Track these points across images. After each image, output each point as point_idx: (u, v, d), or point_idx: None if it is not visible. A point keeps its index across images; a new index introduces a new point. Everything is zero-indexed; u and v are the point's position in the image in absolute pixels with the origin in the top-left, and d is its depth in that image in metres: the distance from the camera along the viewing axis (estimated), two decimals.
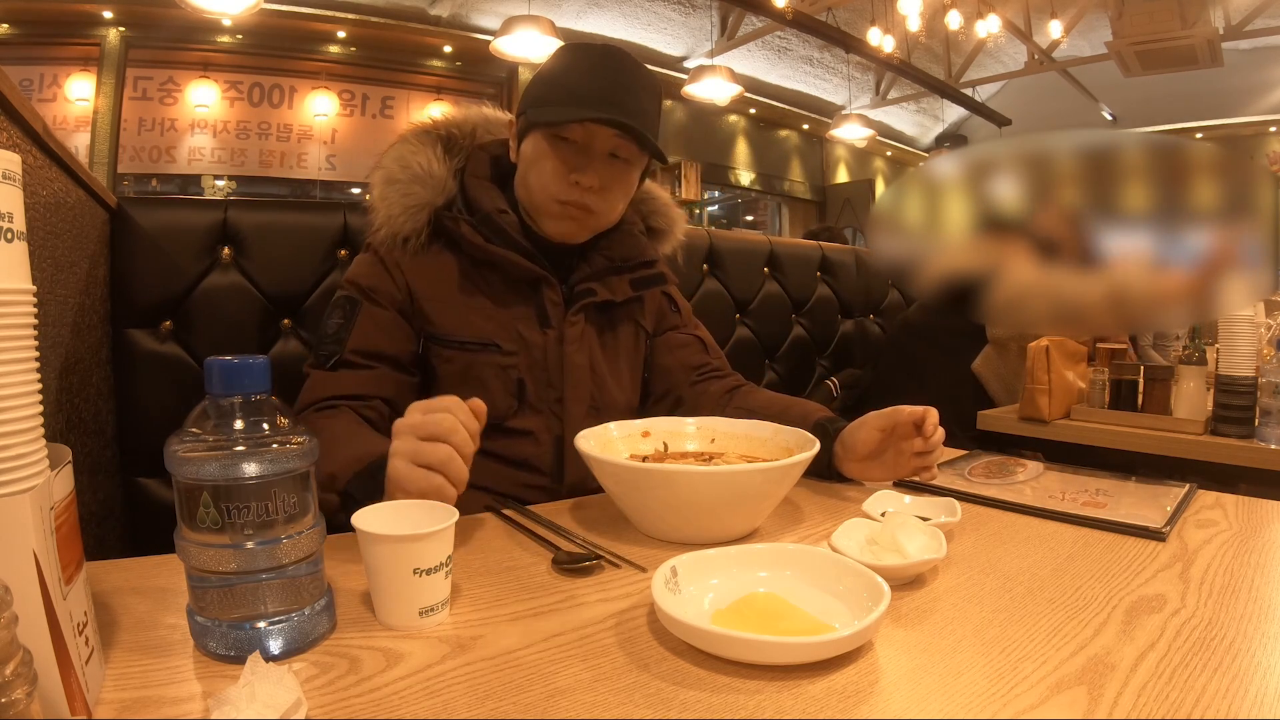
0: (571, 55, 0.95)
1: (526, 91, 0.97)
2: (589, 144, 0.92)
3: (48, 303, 0.78)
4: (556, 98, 0.91)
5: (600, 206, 0.95)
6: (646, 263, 1.05)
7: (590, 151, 0.92)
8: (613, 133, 0.91)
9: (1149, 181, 0.36)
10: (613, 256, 1.02)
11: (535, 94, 0.94)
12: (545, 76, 0.95)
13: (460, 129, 1.03)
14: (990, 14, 5.93)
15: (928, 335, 1.85)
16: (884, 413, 0.84)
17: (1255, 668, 0.48)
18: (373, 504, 0.61)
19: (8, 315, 0.36)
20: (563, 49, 0.97)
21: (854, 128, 6.78)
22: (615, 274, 1.01)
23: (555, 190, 0.92)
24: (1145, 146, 0.37)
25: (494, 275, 0.96)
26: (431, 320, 0.94)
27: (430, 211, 0.95)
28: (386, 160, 0.97)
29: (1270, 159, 7.62)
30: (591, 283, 0.99)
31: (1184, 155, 0.36)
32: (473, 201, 0.96)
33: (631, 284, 1.03)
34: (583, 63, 0.92)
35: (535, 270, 0.95)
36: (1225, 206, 0.36)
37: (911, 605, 0.58)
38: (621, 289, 1.02)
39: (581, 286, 0.98)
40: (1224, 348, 1.38)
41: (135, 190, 5.28)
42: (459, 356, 0.94)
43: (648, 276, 1.05)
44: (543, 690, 0.45)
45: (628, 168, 0.96)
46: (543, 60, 0.97)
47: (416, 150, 0.97)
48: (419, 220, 0.94)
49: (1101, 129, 7.08)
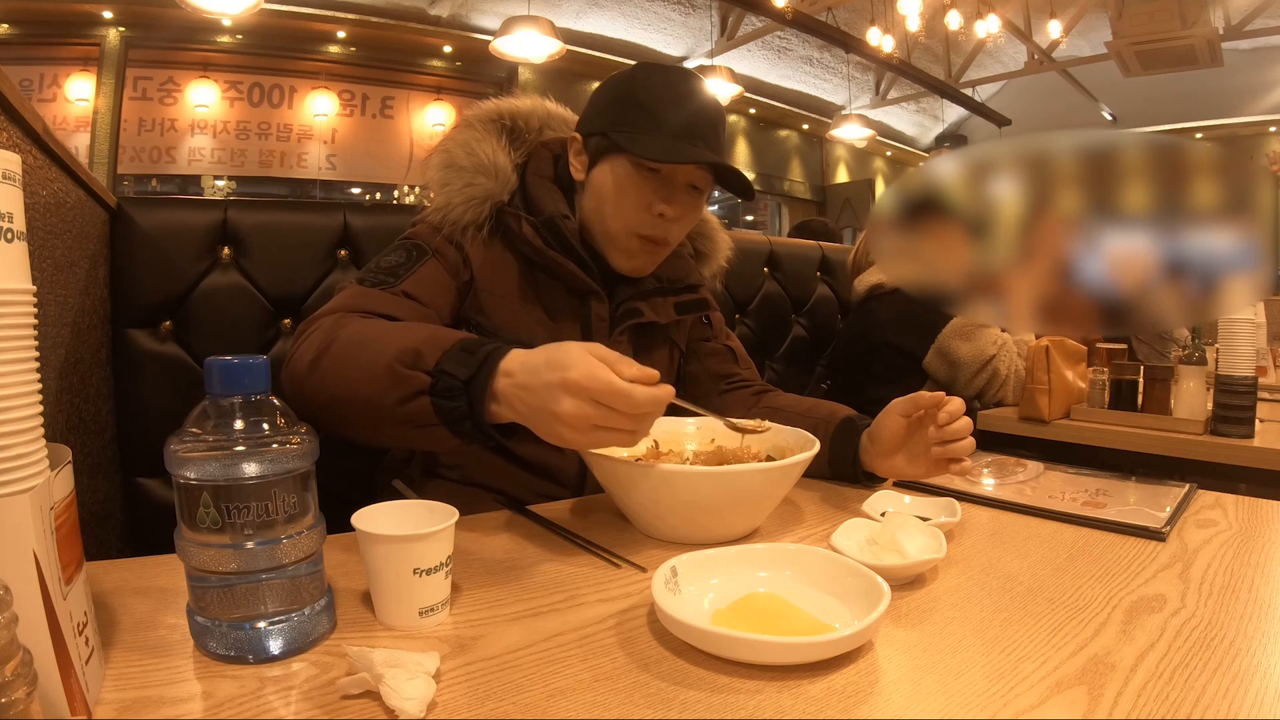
0: (649, 78, 0.92)
1: (597, 110, 0.94)
2: (673, 175, 0.90)
3: (48, 303, 0.78)
4: (640, 124, 0.88)
5: (676, 237, 0.94)
6: (691, 286, 1.04)
7: (674, 183, 0.91)
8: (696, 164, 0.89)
9: (1149, 181, 0.36)
10: (661, 277, 1.00)
11: (612, 116, 0.91)
12: (621, 97, 0.91)
13: (526, 123, 1.00)
14: (990, 14, 5.93)
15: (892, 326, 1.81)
16: (907, 398, 0.82)
17: (1255, 668, 0.48)
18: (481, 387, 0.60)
19: (8, 315, 0.36)
20: (638, 70, 0.94)
21: (854, 128, 6.78)
22: (661, 295, 0.99)
23: (636, 223, 0.90)
24: (1145, 146, 0.36)
25: (549, 281, 0.93)
26: (485, 311, 0.91)
27: (493, 205, 0.92)
28: (450, 144, 0.94)
29: (1270, 159, 7.62)
30: (638, 302, 0.96)
31: (1184, 155, 0.36)
32: (534, 201, 0.94)
33: (676, 307, 1.00)
34: (665, 90, 0.90)
35: (589, 283, 0.92)
36: (1225, 206, 0.36)
37: (911, 605, 0.58)
38: (666, 311, 0.99)
39: (628, 305, 0.96)
40: (1224, 348, 1.38)
41: (135, 190, 5.28)
42: None
43: (692, 301, 1.03)
44: (543, 690, 0.45)
45: (700, 196, 0.95)
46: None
47: (482, 138, 0.94)
48: (480, 212, 0.91)
49: (1101, 129, 7.08)
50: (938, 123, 9.34)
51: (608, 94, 0.94)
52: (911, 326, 1.74)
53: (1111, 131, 2.65)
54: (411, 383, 0.64)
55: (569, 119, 1.04)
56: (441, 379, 0.63)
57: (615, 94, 0.93)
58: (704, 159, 0.88)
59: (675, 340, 1.06)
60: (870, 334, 1.80)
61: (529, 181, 0.96)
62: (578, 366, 0.58)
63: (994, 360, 1.67)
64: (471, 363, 0.63)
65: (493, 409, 0.63)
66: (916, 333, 1.74)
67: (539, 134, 1.01)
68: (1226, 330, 1.38)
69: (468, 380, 0.63)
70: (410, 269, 0.86)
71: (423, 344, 0.65)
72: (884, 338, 1.77)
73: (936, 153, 5.78)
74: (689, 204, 0.92)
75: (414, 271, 0.86)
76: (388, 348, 0.66)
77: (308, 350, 0.73)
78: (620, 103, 0.91)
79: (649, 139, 0.88)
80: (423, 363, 0.64)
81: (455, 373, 0.63)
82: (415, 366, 0.64)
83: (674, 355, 1.06)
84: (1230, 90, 7.15)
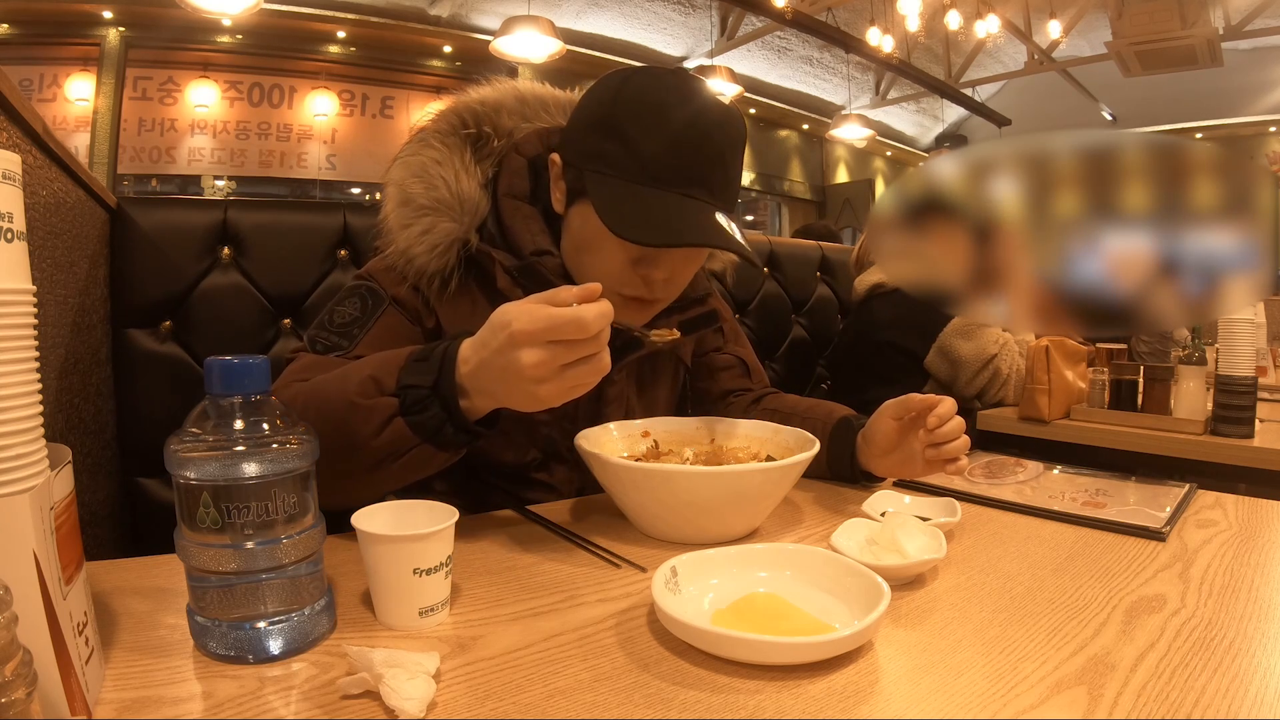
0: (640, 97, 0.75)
1: (578, 131, 0.79)
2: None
3: (48, 303, 0.78)
4: (624, 165, 0.74)
5: (667, 296, 0.83)
6: (699, 299, 0.93)
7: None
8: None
9: (1149, 182, 0.36)
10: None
11: (594, 149, 0.76)
12: (606, 122, 0.76)
13: (495, 124, 0.86)
14: (990, 14, 5.93)
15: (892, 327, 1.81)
16: (897, 400, 0.81)
17: (1255, 668, 0.48)
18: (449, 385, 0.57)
19: (8, 315, 0.36)
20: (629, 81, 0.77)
21: (854, 128, 6.78)
22: (665, 314, 0.87)
23: (619, 283, 0.78)
24: (1145, 146, 0.36)
25: None
26: None
27: (460, 248, 0.80)
28: (402, 172, 0.81)
29: (1270, 159, 7.62)
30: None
31: (1184, 155, 0.36)
32: (509, 233, 0.81)
33: (681, 326, 0.87)
34: (654, 116, 0.74)
35: None
36: (1225, 206, 0.36)
37: (911, 605, 0.58)
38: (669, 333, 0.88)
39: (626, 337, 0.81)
40: (1224, 348, 1.38)
41: (135, 190, 5.28)
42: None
43: (698, 317, 0.92)
44: (543, 690, 0.45)
45: (698, 255, 0.82)
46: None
47: (442, 159, 0.81)
48: (445, 260, 0.79)
49: (1101, 129, 7.08)
50: (938, 123, 9.34)
51: (592, 108, 0.79)
52: (913, 326, 1.74)
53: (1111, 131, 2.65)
54: (379, 410, 0.61)
55: (548, 100, 0.90)
56: (407, 394, 0.61)
57: (599, 113, 0.77)
58: (687, 242, 0.73)
59: (681, 357, 0.98)
60: (871, 333, 1.80)
61: (501, 206, 0.83)
62: (518, 317, 0.56)
63: (996, 359, 1.67)
64: (430, 368, 0.61)
65: (464, 405, 0.61)
66: (918, 332, 1.74)
67: (510, 136, 0.86)
68: (1226, 330, 1.38)
69: (434, 384, 0.61)
70: (366, 325, 0.77)
71: (376, 370, 0.62)
72: (885, 337, 1.77)
73: (936, 153, 5.78)
74: (681, 268, 0.80)
75: (369, 328, 0.77)
76: (343, 390, 0.63)
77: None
78: (601, 127, 0.76)
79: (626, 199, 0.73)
80: (383, 387, 0.61)
81: (419, 383, 0.61)
82: (378, 394, 0.61)
83: (679, 372, 0.99)
84: (1230, 90, 7.15)
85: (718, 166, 0.76)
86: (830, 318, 2.04)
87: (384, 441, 0.62)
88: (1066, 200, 0.38)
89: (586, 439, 0.76)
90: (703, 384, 1.03)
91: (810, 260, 2.03)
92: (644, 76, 0.77)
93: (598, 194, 0.74)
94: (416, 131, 0.85)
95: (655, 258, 0.77)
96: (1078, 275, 0.38)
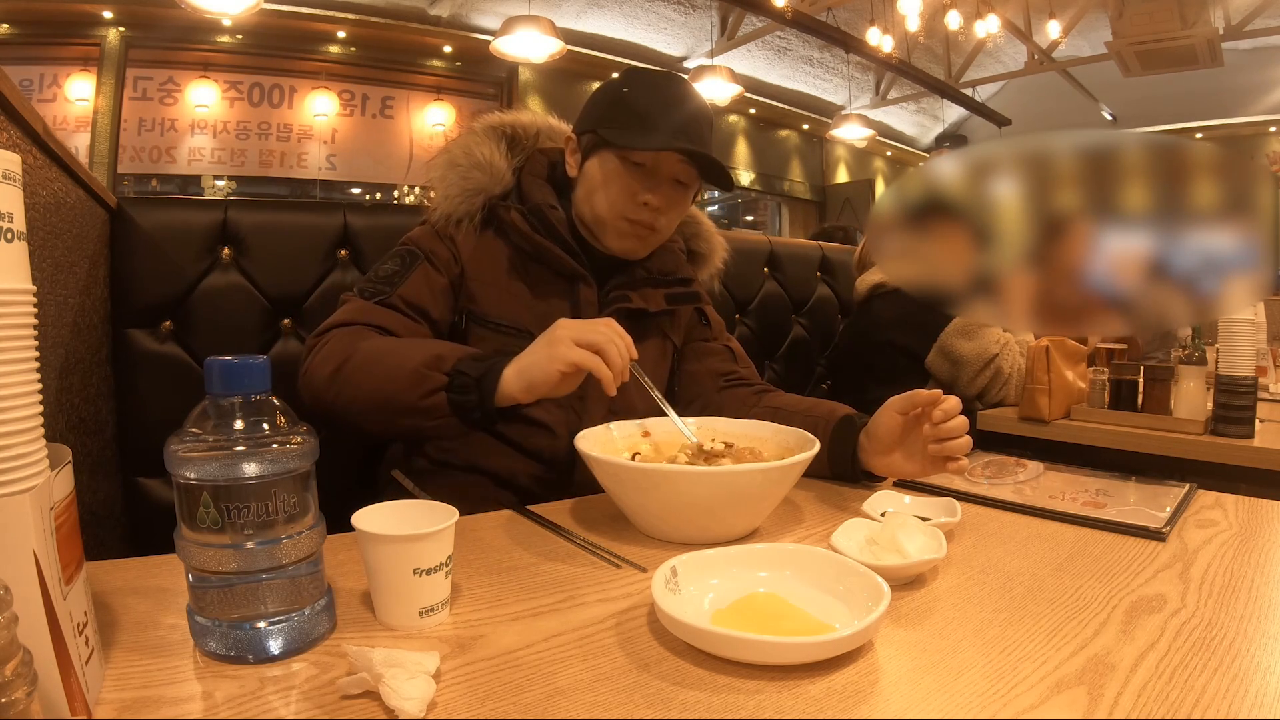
0: (639, 81, 0.99)
1: (590, 111, 1.02)
2: (656, 169, 0.97)
3: (48, 303, 0.78)
4: (628, 122, 0.96)
5: (663, 225, 1.00)
6: (683, 280, 1.09)
7: (658, 175, 0.97)
8: (678, 159, 0.96)
9: (1149, 182, 0.36)
10: (651, 269, 1.05)
11: (603, 115, 0.99)
12: (613, 99, 0.99)
13: (525, 131, 1.08)
14: (990, 14, 5.93)
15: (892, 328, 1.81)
16: (904, 395, 0.83)
17: (1255, 668, 0.48)
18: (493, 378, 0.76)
19: (8, 315, 0.36)
20: (629, 74, 1.02)
21: (854, 128, 6.78)
22: (651, 286, 1.04)
23: (624, 209, 0.97)
24: (1145, 146, 0.36)
25: (538, 268, 1.00)
26: (475, 298, 0.98)
27: (485, 198, 1.00)
28: (453, 147, 1.03)
29: (1270, 159, 7.62)
30: (627, 290, 1.02)
31: (1184, 155, 0.36)
32: (526, 196, 1.01)
33: (666, 298, 1.05)
34: (653, 93, 0.97)
35: (575, 267, 0.99)
36: (1225, 206, 0.36)
37: (911, 605, 0.58)
38: (655, 300, 1.04)
39: (616, 293, 1.01)
40: (1224, 348, 1.38)
41: (135, 190, 5.27)
42: (494, 337, 0.97)
43: (683, 293, 1.08)
44: (543, 690, 0.45)
45: (686, 191, 1.01)
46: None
47: (482, 142, 1.02)
48: (473, 204, 0.99)
49: (1101, 129, 7.08)
50: (938, 123, 9.33)
51: (600, 97, 1.02)
52: (914, 325, 1.74)
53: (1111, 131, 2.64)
54: (433, 381, 0.80)
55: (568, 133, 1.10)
56: (457, 378, 0.79)
57: (607, 97, 1.01)
58: (676, 146, 0.93)
59: (669, 335, 1.10)
60: (872, 333, 1.80)
61: (523, 180, 1.03)
62: (561, 324, 0.77)
63: (997, 359, 1.67)
64: (481, 366, 0.79)
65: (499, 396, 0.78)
66: (919, 332, 1.74)
67: (536, 140, 1.09)
68: (1226, 330, 1.38)
69: (479, 377, 0.79)
70: (405, 275, 0.95)
71: (445, 350, 0.82)
72: (886, 337, 1.77)
73: (936, 153, 5.78)
74: (674, 197, 0.99)
75: (407, 279, 0.95)
76: (414, 355, 0.82)
77: (324, 363, 0.85)
78: (611, 104, 0.99)
79: (634, 135, 0.95)
80: (443, 365, 0.79)
81: (469, 371, 0.79)
82: (437, 369, 0.79)
83: (667, 349, 1.10)
84: (1230, 90, 7.14)
85: (701, 129, 0.98)
86: (830, 318, 2.04)
87: (426, 405, 0.80)
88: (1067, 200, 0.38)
89: (586, 440, 0.76)
90: (690, 366, 1.12)
91: (810, 260, 2.02)
92: (643, 70, 1.03)
93: (614, 136, 0.95)
94: (465, 126, 1.09)
95: (653, 187, 0.96)
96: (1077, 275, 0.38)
